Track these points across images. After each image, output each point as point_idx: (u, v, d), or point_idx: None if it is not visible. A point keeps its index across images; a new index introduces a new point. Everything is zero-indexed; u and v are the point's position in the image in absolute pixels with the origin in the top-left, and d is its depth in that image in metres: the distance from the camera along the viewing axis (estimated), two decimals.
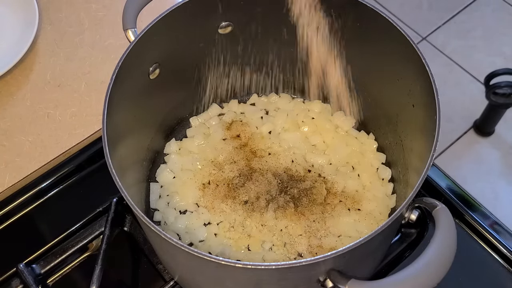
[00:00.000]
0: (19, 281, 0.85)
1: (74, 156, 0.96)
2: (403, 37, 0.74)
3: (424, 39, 2.36)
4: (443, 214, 0.60)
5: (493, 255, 0.85)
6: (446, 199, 0.88)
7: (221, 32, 0.87)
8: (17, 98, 1.04)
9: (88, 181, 0.95)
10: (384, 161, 0.92)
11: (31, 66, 1.08)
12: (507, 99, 1.87)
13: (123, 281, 0.87)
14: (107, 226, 0.85)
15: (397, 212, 0.62)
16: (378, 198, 0.87)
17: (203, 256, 0.59)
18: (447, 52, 2.32)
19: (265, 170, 0.89)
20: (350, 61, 0.88)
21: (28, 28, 1.09)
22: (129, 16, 0.78)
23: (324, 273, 0.61)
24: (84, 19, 1.14)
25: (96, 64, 1.08)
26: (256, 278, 0.65)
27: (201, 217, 0.87)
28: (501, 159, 2.05)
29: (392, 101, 0.86)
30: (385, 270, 0.84)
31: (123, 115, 0.75)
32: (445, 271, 0.57)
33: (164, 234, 0.60)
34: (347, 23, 0.82)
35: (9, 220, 0.91)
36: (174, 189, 0.90)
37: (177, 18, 0.79)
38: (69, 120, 1.01)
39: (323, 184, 0.88)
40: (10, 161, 0.97)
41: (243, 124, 0.96)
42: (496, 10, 2.44)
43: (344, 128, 0.95)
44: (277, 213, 0.85)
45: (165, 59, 0.83)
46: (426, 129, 0.71)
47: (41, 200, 0.93)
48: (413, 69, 0.74)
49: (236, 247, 0.84)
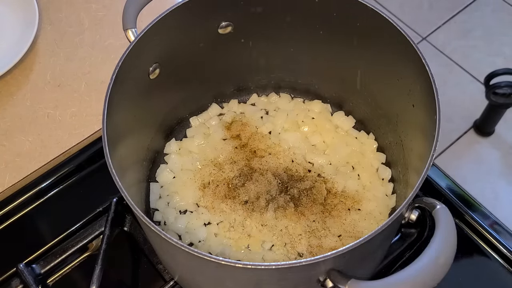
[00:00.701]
0: (19, 281, 0.85)
1: (74, 156, 0.96)
2: (403, 37, 0.74)
3: (424, 39, 2.36)
4: (443, 214, 0.60)
5: (493, 255, 0.85)
6: (446, 199, 0.88)
7: (221, 32, 0.87)
8: (17, 98, 1.04)
9: (88, 181, 0.95)
10: (384, 161, 0.92)
11: (31, 66, 1.08)
12: (507, 99, 1.87)
13: (123, 281, 0.87)
14: (107, 226, 0.85)
15: (397, 212, 0.62)
16: (378, 198, 0.87)
17: (203, 256, 0.59)
18: (447, 52, 2.32)
19: (265, 170, 0.89)
20: (350, 61, 0.88)
21: (28, 28, 1.09)
22: (129, 16, 0.78)
23: (324, 273, 0.61)
24: (84, 19, 1.14)
25: (96, 64, 1.08)
26: (256, 278, 0.65)
27: (201, 217, 0.87)
28: (501, 159, 2.05)
29: (392, 101, 0.86)
30: (385, 270, 0.84)
31: (123, 115, 0.75)
32: (445, 271, 0.57)
33: (164, 234, 0.60)
34: (347, 23, 0.82)
35: (9, 220, 0.91)
36: (174, 189, 0.90)
37: (177, 18, 0.79)
38: (69, 120, 1.01)
39: (323, 184, 0.88)
40: (10, 161, 0.97)
41: (243, 124, 0.96)
42: (496, 10, 2.44)
43: (344, 128, 0.95)
44: (277, 213, 0.85)
45: (165, 59, 0.82)
46: (426, 129, 0.71)
47: (41, 200, 0.93)
48: (413, 69, 0.74)
49: (236, 247, 0.84)
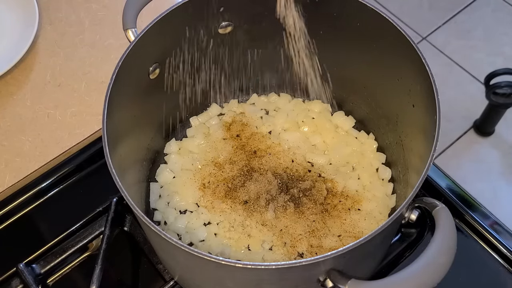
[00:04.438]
0: (19, 281, 0.85)
1: (74, 156, 0.96)
2: (403, 37, 0.74)
3: (424, 39, 2.36)
4: (443, 214, 0.61)
5: (493, 255, 0.85)
6: (446, 199, 0.88)
7: (221, 32, 0.87)
8: (17, 98, 1.04)
9: (88, 181, 0.95)
10: (384, 161, 0.92)
11: (31, 66, 1.08)
12: (507, 99, 1.87)
13: (123, 281, 0.87)
14: (107, 226, 0.85)
15: (397, 212, 0.62)
16: (378, 198, 0.87)
17: (203, 256, 0.59)
18: (447, 52, 2.32)
19: (265, 170, 0.89)
20: (350, 61, 0.88)
21: (28, 28, 1.09)
22: (129, 16, 0.78)
23: (324, 273, 0.61)
24: (84, 19, 1.14)
25: (96, 64, 1.08)
26: (256, 278, 0.65)
27: (201, 217, 0.87)
28: (501, 159, 2.04)
29: (392, 101, 0.86)
30: (385, 270, 0.84)
31: (123, 115, 0.75)
32: (445, 271, 0.57)
33: (164, 234, 0.60)
34: (347, 23, 0.82)
35: (9, 220, 0.91)
36: (174, 189, 0.90)
37: (177, 18, 0.79)
38: (69, 120, 1.01)
39: (323, 184, 0.88)
40: (10, 161, 0.97)
41: (243, 124, 0.96)
42: (496, 10, 2.44)
43: (344, 128, 0.95)
44: (277, 213, 0.85)
45: (165, 59, 0.82)
46: (426, 129, 0.71)
47: (41, 200, 0.93)
48: (413, 69, 0.74)
49: (236, 247, 0.84)
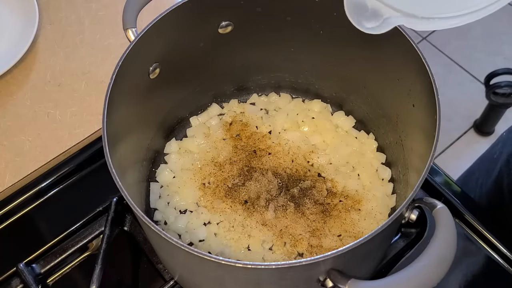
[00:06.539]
0: (19, 281, 0.85)
1: (74, 155, 0.96)
2: (403, 37, 0.74)
3: (424, 39, 2.36)
4: (443, 214, 0.60)
5: (493, 255, 0.85)
6: (446, 199, 0.88)
7: (221, 32, 0.87)
8: (17, 98, 1.04)
9: (88, 181, 0.95)
10: (384, 161, 0.92)
11: (31, 66, 1.08)
12: (507, 99, 1.87)
13: (123, 281, 0.87)
14: (107, 226, 0.85)
15: (397, 212, 0.62)
16: (378, 198, 0.87)
17: (203, 256, 0.59)
18: (447, 52, 2.32)
19: (265, 169, 0.89)
20: (350, 60, 0.88)
21: (28, 28, 1.09)
22: (129, 16, 0.78)
23: (324, 273, 0.61)
24: (84, 19, 1.14)
25: (96, 63, 1.08)
26: (256, 278, 0.65)
27: (201, 216, 0.87)
28: None
29: (392, 101, 0.86)
30: (385, 270, 0.84)
31: (123, 115, 0.75)
32: (445, 271, 0.57)
33: (164, 233, 0.60)
34: (347, 23, 0.82)
35: (9, 220, 0.91)
36: (174, 189, 0.90)
37: (177, 18, 0.79)
38: (69, 120, 1.01)
39: (323, 184, 0.88)
40: (10, 160, 0.97)
41: (243, 124, 0.96)
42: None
43: (344, 128, 0.95)
44: (277, 212, 0.85)
45: (165, 59, 0.82)
46: (426, 129, 0.71)
47: (41, 200, 0.93)
48: (413, 69, 0.74)
49: (236, 247, 0.84)
